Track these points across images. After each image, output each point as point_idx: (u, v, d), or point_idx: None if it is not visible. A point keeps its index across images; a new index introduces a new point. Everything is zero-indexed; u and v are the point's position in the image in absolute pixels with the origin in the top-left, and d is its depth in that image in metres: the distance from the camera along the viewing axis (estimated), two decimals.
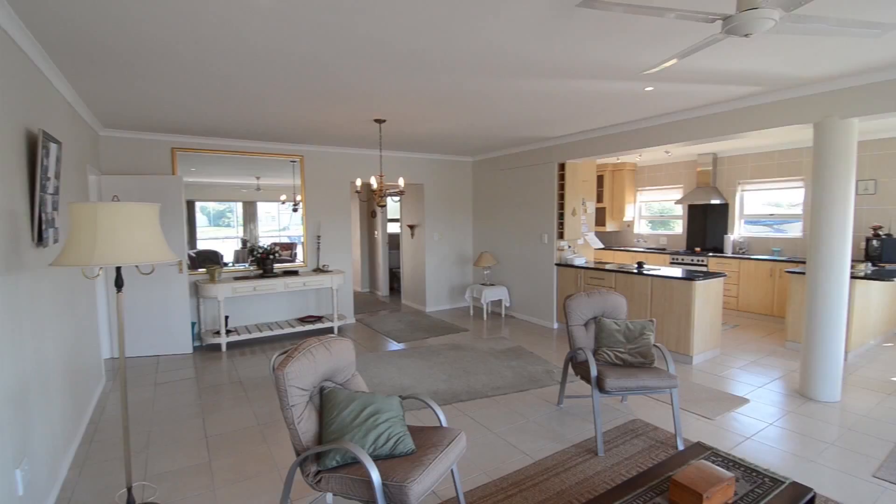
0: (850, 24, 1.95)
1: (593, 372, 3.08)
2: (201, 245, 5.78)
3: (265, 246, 5.96)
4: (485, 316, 7.07)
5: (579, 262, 6.20)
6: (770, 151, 6.89)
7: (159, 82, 3.40)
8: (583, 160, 6.18)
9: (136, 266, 2.50)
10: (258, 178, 6.05)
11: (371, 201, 9.45)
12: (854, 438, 3.15)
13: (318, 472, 2.03)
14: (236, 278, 5.65)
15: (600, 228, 8.80)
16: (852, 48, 2.93)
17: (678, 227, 8.25)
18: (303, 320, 6.15)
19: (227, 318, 5.59)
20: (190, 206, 5.64)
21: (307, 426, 2.12)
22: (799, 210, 6.72)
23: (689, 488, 1.83)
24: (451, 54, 2.91)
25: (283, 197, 6.23)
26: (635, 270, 5.38)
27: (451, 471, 2.31)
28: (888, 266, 5.45)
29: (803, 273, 4.93)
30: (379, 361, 4.94)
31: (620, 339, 3.38)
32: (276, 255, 5.91)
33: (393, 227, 9.18)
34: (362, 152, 6.71)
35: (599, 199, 8.76)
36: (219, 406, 3.85)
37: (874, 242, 5.63)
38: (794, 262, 6.32)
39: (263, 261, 5.82)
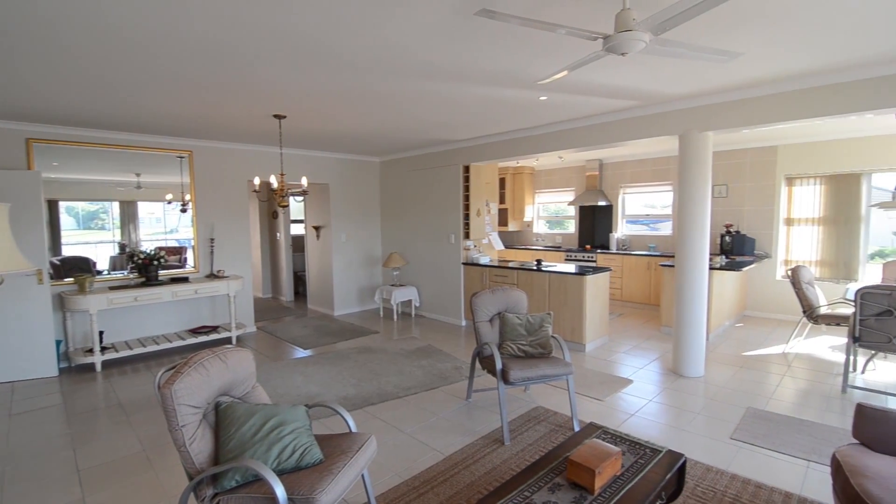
0: (704, 51, 2.27)
1: (498, 365, 3.22)
2: (68, 251, 5.05)
3: (148, 251, 5.36)
4: (395, 317, 7.05)
5: (484, 260, 6.44)
6: (645, 159, 7.75)
7: (6, 60, 2.90)
8: (486, 163, 6.43)
9: None
10: (138, 174, 5.43)
11: (272, 201, 8.95)
12: (715, 407, 3.67)
13: (216, 495, 1.89)
14: (113, 288, 5.02)
15: (503, 228, 9.22)
16: (707, 72, 3.40)
17: (571, 227, 8.93)
18: (195, 331, 5.65)
19: (101, 333, 4.95)
20: (52, 206, 4.89)
21: (201, 446, 1.96)
22: (669, 211, 7.64)
23: (583, 466, 2.00)
24: (357, 52, 2.87)
25: (169, 196, 5.66)
26: (535, 267, 5.73)
27: (362, 476, 2.28)
28: (738, 258, 6.41)
29: (673, 266, 5.61)
30: (283, 370, 4.70)
31: (522, 333, 3.58)
32: (162, 260, 5.34)
33: (297, 229, 8.78)
34: (261, 149, 6.32)
35: (502, 200, 9.17)
36: (93, 434, 3.39)
37: (727, 238, 6.60)
38: (666, 256, 7.17)
39: (146, 267, 5.23)
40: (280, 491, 1.75)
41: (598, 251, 7.91)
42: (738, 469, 2.78)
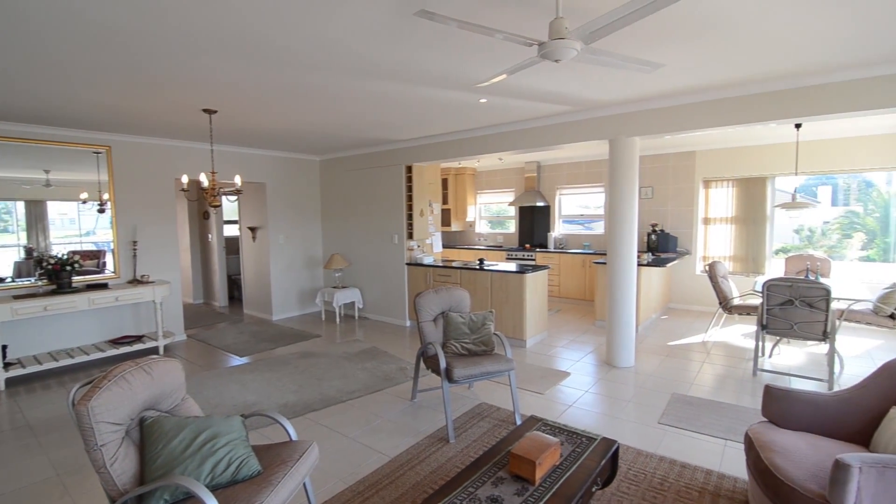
0: (630, 61, 2.42)
1: (442, 364, 3.25)
2: None
3: (60, 255, 4.88)
4: (338, 319, 6.90)
5: (428, 260, 6.46)
6: (579, 162, 8.11)
7: None
8: (428, 163, 6.45)
9: None
10: (47, 171, 4.93)
11: (202, 201, 8.45)
12: (644, 394, 3.91)
13: None
14: (18, 297, 4.52)
15: (446, 228, 9.29)
16: (633, 81, 3.62)
17: (512, 227, 9.17)
18: (116, 342, 5.22)
19: (5, 347, 4.44)
20: None
21: (124, 466, 1.82)
22: (601, 211, 8.04)
23: (524, 458, 2.06)
24: (294, 47, 2.78)
25: (84, 195, 5.19)
26: (477, 267, 5.83)
27: (304, 485, 2.22)
28: (663, 255, 6.87)
29: (605, 263, 5.93)
30: (217, 379, 4.46)
31: (465, 331, 3.63)
32: (76, 265, 4.88)
33: (231, 230, 8.35)
34: (189, 145, 5.94)
35: (445, 200, 9.23)
36: None
37: (653, 237, 7.05)
38: (599, 254, 7.54)
39: (57, 273, 4.75)
40: None
41: (537, 250, 8.18)
42: (665, 451, 2.98)
